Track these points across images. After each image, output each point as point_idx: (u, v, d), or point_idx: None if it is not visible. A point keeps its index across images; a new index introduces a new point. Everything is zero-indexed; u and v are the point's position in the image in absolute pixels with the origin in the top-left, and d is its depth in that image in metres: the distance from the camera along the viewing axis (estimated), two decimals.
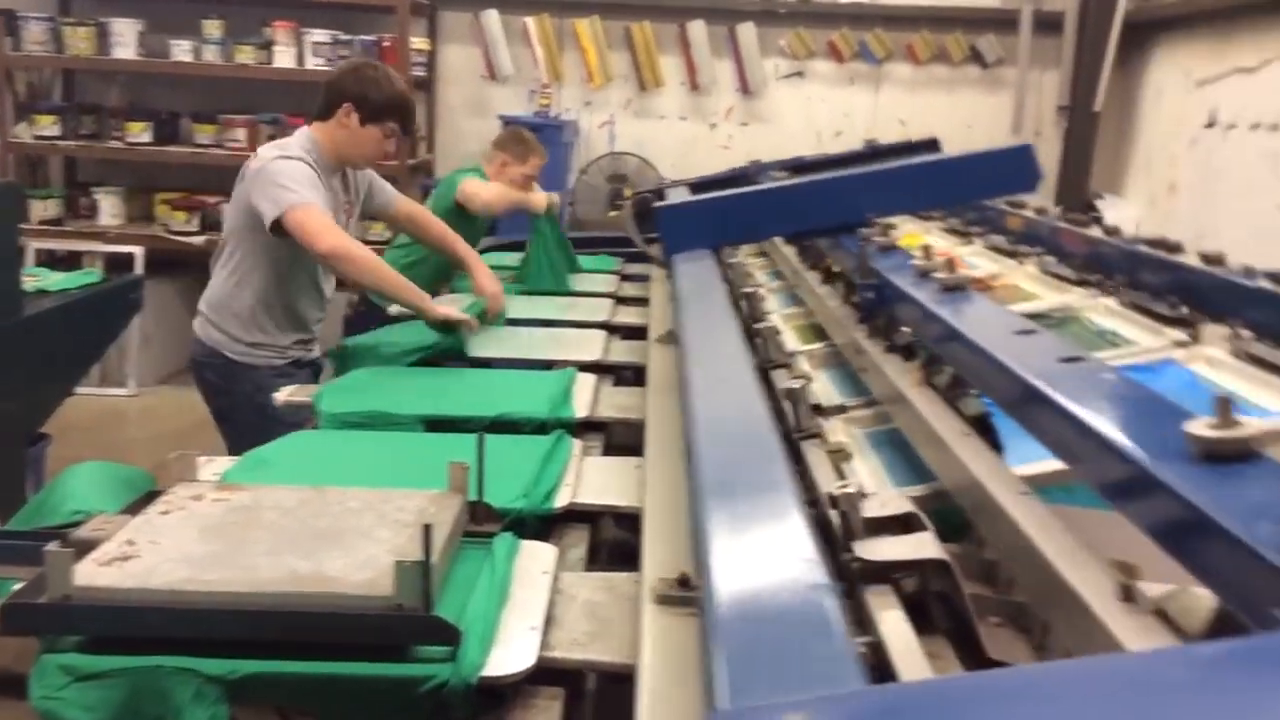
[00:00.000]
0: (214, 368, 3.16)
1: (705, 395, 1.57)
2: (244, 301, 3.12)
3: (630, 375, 2.86)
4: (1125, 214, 5.14)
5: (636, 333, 3.23)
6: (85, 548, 1.42)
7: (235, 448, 2.40)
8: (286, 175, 2.91)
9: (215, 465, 1.95)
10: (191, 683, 1.28)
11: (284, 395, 2.51)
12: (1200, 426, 1.01)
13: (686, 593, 1.35)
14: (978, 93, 6.75)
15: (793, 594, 0.92)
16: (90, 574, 1.36)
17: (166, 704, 1.28)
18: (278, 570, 1.40)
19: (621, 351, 3.01)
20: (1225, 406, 1.00)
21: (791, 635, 0.84)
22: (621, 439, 2.36)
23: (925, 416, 1.72)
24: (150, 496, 1.64)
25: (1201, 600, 1.00)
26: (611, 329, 3.25)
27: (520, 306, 3.46)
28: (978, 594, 1.37)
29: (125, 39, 6.38)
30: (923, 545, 1.29)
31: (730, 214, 2.76)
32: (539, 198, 4.19)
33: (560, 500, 1.84)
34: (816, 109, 6.82)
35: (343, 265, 2.89)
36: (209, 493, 1.65)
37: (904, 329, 2.07)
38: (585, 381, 2.57)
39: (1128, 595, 1.09)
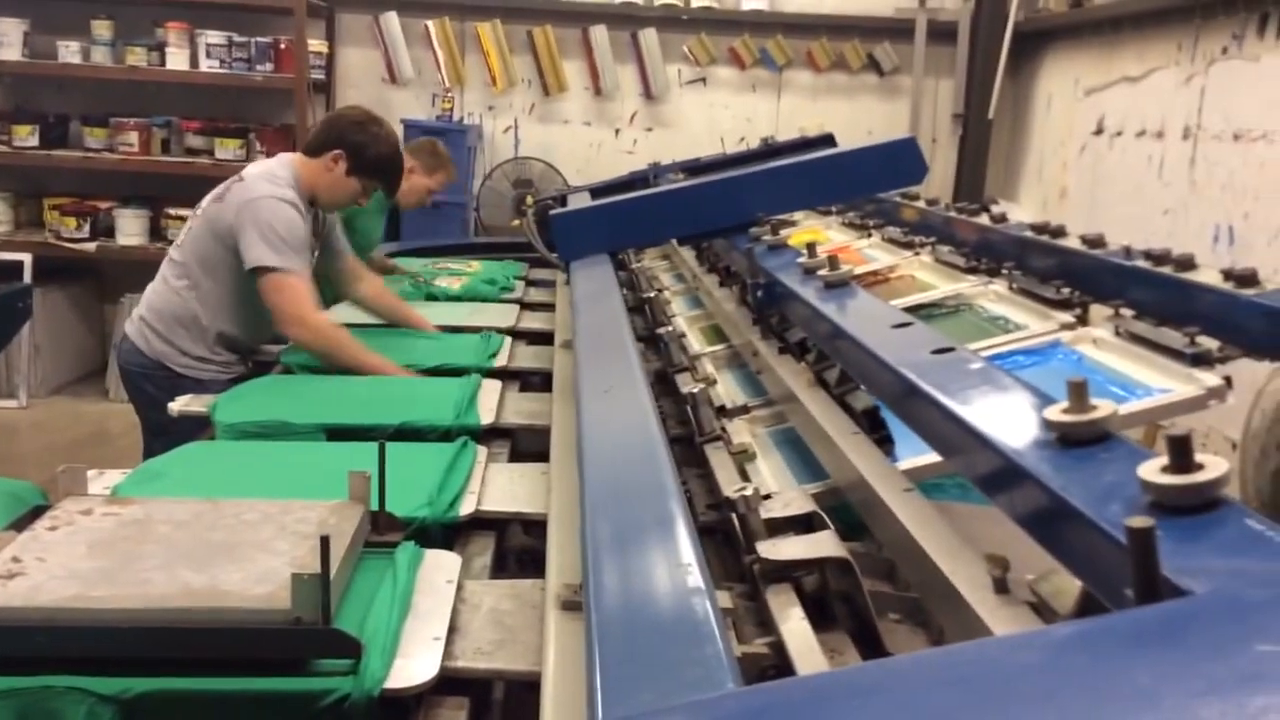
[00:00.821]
0: (156, 380, 3.06)
1: (594, 405, 1.56)
2: (199, 319, 3.06)
3: (537, 381, 2.85)
4: (1019, 219, 5.29)
5: (543, 338, 3.22)
6: None
7: None
8: (283, 228, 2.88)
9: (106, 479, 1.89)
10: (83, 703, 1.24)
11: (179, 405, 2.45)
12: (1056, 412, 1.04)
13: None
14: (876, 100, 6.87)
15: (670, 601, 0.92)
16: None
17: None
18: (171, 585, 1.36)
19: (527, 357, 3.00)
20: (1079, 390, 1.02)
21: (667, 642, 0.84)
22: (528, 445, 2.35)
23: (815, 416, 1.74)
24: (38, 511, 1.59)
25: (1071, 583, 1.03)
26: (517, 334, 3.24)
27: (425, 311, 3.44)
28: (878, 591, 1.39)
29: (9, 39, 6.15)
30: (822, 544, 1.31)
31: (624, 219, 2.77)
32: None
33: (465, 508, 1.82)
34: (720, 115, 6.87)
35: (320, 357, 2.84)
36: (99, 507, 1.60)
37: (794, 328, 2.09)
38: (490, 388, 2.56)
39: (1000, 587, 1.12)
